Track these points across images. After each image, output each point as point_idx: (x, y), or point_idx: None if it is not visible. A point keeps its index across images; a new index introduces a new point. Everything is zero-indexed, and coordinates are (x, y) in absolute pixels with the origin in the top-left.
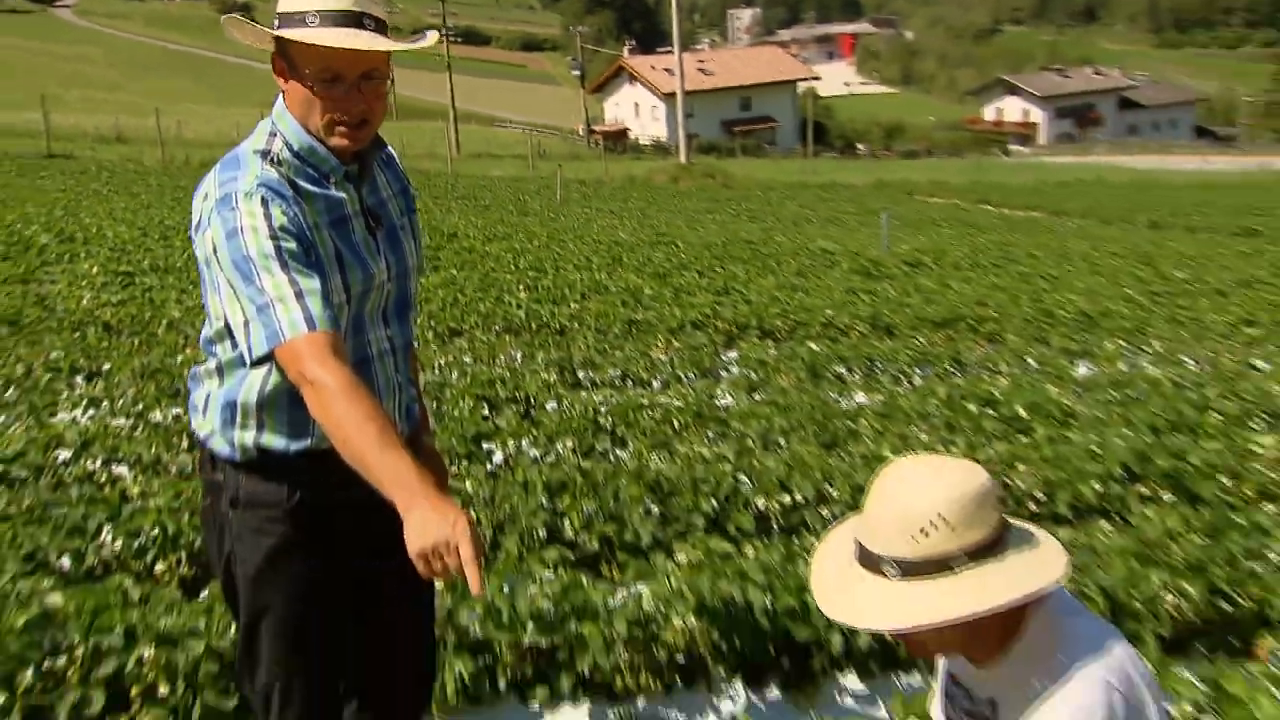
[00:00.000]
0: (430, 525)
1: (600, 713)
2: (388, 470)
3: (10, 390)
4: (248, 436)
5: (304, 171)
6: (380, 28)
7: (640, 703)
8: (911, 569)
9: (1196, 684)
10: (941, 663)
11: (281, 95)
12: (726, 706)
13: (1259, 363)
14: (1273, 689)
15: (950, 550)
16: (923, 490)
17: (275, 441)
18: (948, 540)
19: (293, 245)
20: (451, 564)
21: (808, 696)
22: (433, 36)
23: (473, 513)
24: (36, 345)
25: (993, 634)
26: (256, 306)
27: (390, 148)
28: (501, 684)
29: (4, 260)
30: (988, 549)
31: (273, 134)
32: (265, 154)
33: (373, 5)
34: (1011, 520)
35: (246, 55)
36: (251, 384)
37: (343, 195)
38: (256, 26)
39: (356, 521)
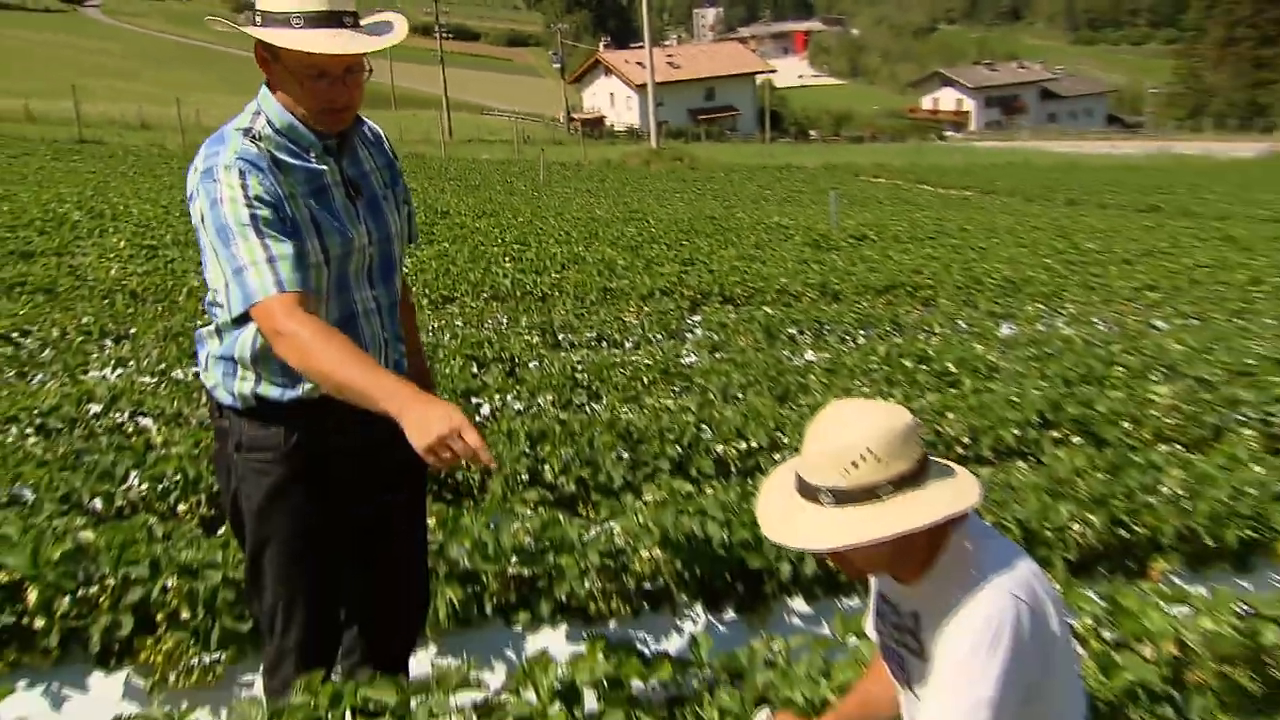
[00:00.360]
0: (431, 420)
1: (575, 634)
2: (374, 387)
3: (47, 351)
4: (246, 387)
5: (285, 146)
6: (355, 22)
7: (611, 625)
8: (844, 497)
9: (1097, 600)
10: (874, 583)
11: (266, 79)
12: (688, 627)
13: (1158, 323)
14: (1161, 604)
15: (878, 480)
16: (853, 428)
17: (271, 391)
18: (875, 471)
19: (267, 213)
20: (460, 449)
21: (760, 618)
22: (401, 30)
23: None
24: (70, 311)
25: (915, 555)
26: (233, 270)
27: (377, 126)
28: (488, 609)
29: (41, 235)
30: (911, 479)
31: (257, 113)
32: (247, 131)
33: (346, 1)
34: (933, 457)
35: (250, 48)
36: (244, 340)
37: (323, 167)
38: (238, 27)
39: (352, 466)
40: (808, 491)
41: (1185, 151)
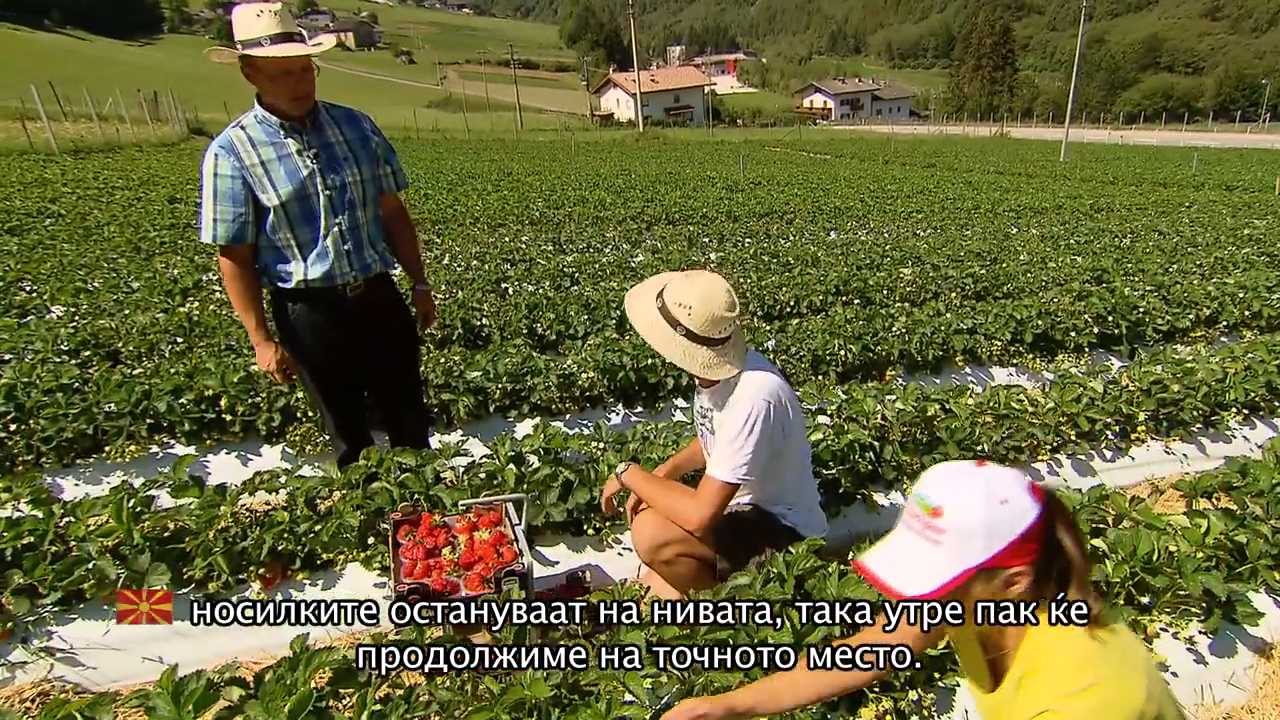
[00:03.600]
0: (261, 357)
1: (544, 423)
2: (244, 318)
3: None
4: (267, 279)
5: (260, 129)
6: (303, 38)
7: (566, 417)
8: (693, 338)
9: (841, 395)
10: (696, 398)
11: (256, 92)
12: (613, 418)
13: (919, 232)
14: (878, 396)
15: (687, 328)
16: (716, 295)
17: (276, 282)
18: (684, 316)
19: (226, 186)
20: (276, 378)
21: (656, 411)
22: (329, 42)
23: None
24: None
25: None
26: (202, 219)
27: (358, 112)
28: (491, 409)
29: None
30: (701, 339)
31: (249, 112)
32: (239, 124)
33: (292, 24)
34: (736, 335)
35: (406, 77)
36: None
37: (288, 141)
38: (230, 50)
39: (347, 332)
40: (669, 319)
41: (952, 133)
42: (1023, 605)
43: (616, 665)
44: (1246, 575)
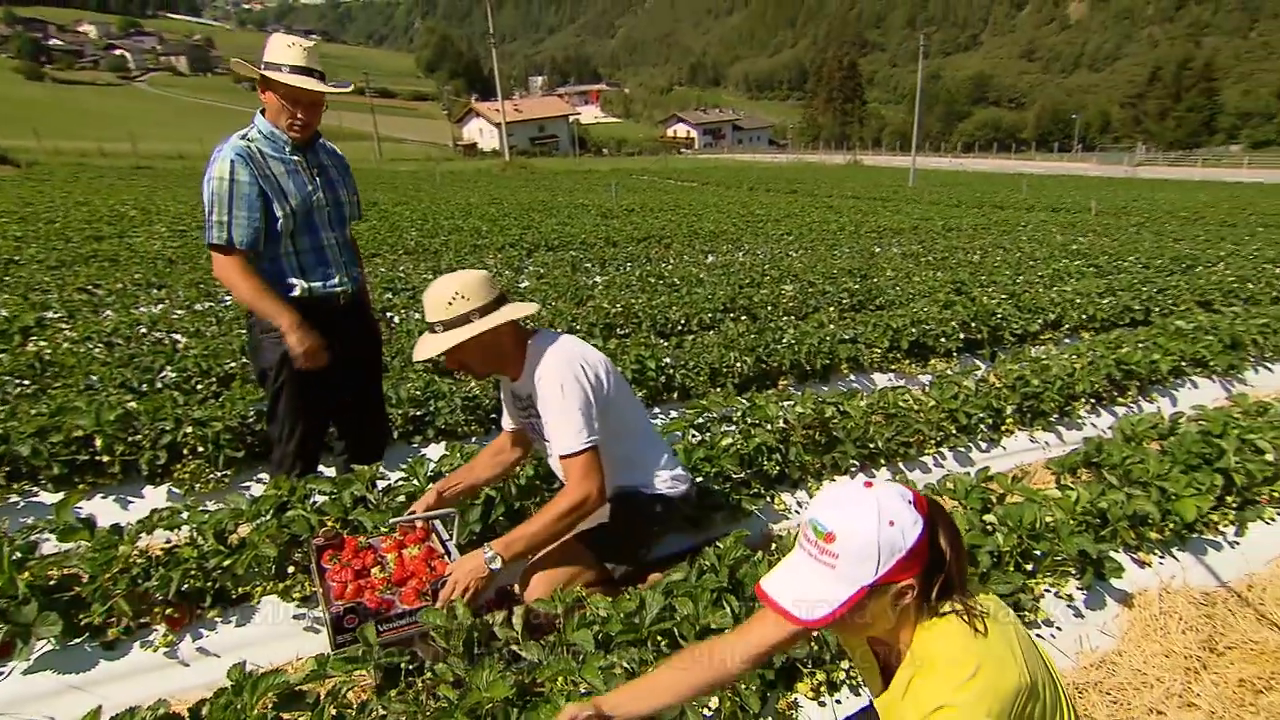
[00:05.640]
0: (300, 338)
1: (457, 445)
2: (268, 308)
3: (111, 296)
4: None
5: (269, 144)
6: (322, 76)
7: (473, 440)
8: (448, 325)
9: (744, 402)
10: (503, 391)
11: (262, 105)
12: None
13: (792, 252)
14: (777, 403)
15: (467, 310)
16: (448, 281)
17: (279, 293)
18: (464, 305)
19: (244, 191)
20: (301, 350)
21: None
22: (349, 87)
23: None
24: (126, 272)
25: (511, 356)
26: (208, 221)
27: (338, 149)
28: (395, 435)
29: (109, 225)
30: (490, 307)
31: (251, 126)
32: (244, 135)
33: (316, 62)
34: (511, 297)
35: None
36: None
37: (294, 158)
38: (251, 66)
39: (337, 344)
40: (430, 329)
41: (810, 160)
42: (910, 610)
43: (572, 659)
44: (1109, 536)
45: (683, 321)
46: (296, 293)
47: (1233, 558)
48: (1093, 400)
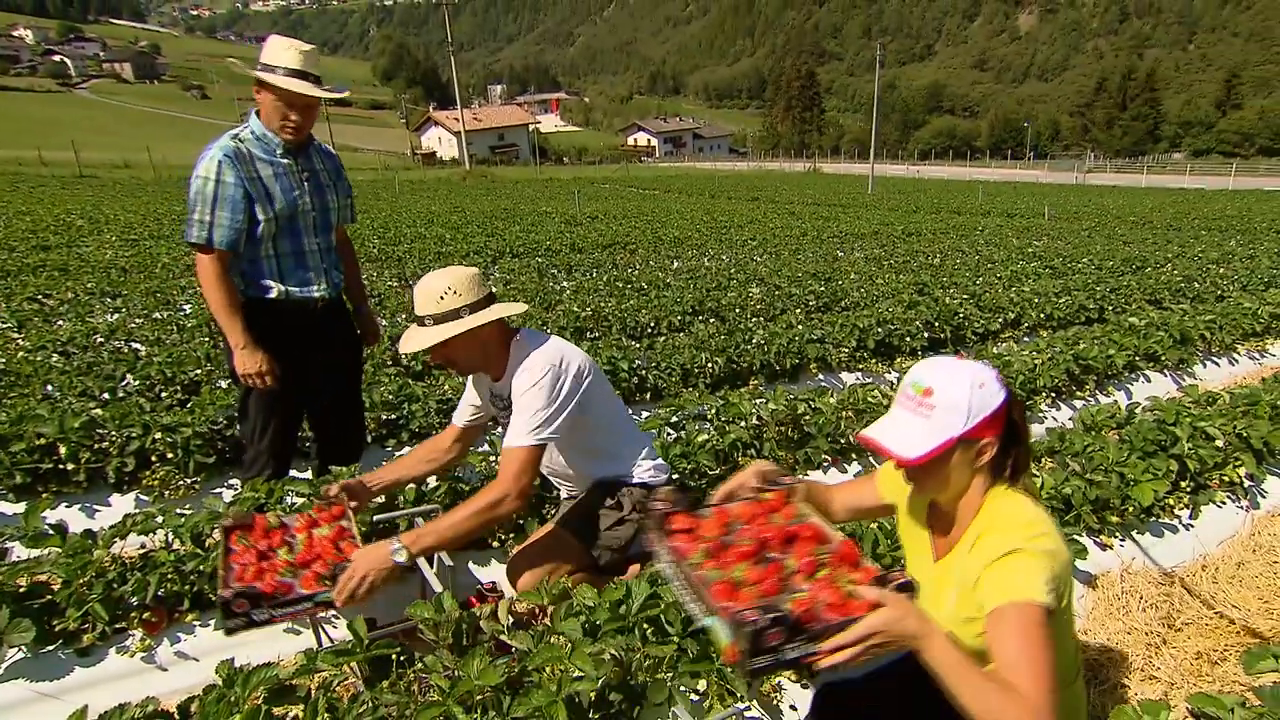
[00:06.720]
0: (248, 359)
1: None
2: (225, 322)
3: (64, 306)
4: (245, 290)
5: (259, 146)
6: (317, 80)
7: None
8: (438, 319)
9: (717, 400)
10: (479, 390)
11: (256, 105)
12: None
13: (756, 257)
14: (750, 401)
15: (458, 305)
16: (439, 276)
17: (254, 294)
18: (455, 301)
19: (229, 193)
20: (243, 373)
21: None
22: (344, 93)
23: None
24: (78, 281)
25: (496, 355)
26: (190, 219)
27: (328, 146)
28: (369, 439)
29: (55, 235)
30: (480, 304)
31: (244, 127)
32: (235, 135)
33: (313, 66)
34: (498, 296)
35: (200, 114)
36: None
37: (285, 161)
38: (250, 70)
39: (307, 347)
40: (419, 321)
41: (770, 168)
42: (984, 475)
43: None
44: (1073, 520)
45: (652, 324)
46: (273, 295)
47: (1188, 539)
48: (1053, 394)
